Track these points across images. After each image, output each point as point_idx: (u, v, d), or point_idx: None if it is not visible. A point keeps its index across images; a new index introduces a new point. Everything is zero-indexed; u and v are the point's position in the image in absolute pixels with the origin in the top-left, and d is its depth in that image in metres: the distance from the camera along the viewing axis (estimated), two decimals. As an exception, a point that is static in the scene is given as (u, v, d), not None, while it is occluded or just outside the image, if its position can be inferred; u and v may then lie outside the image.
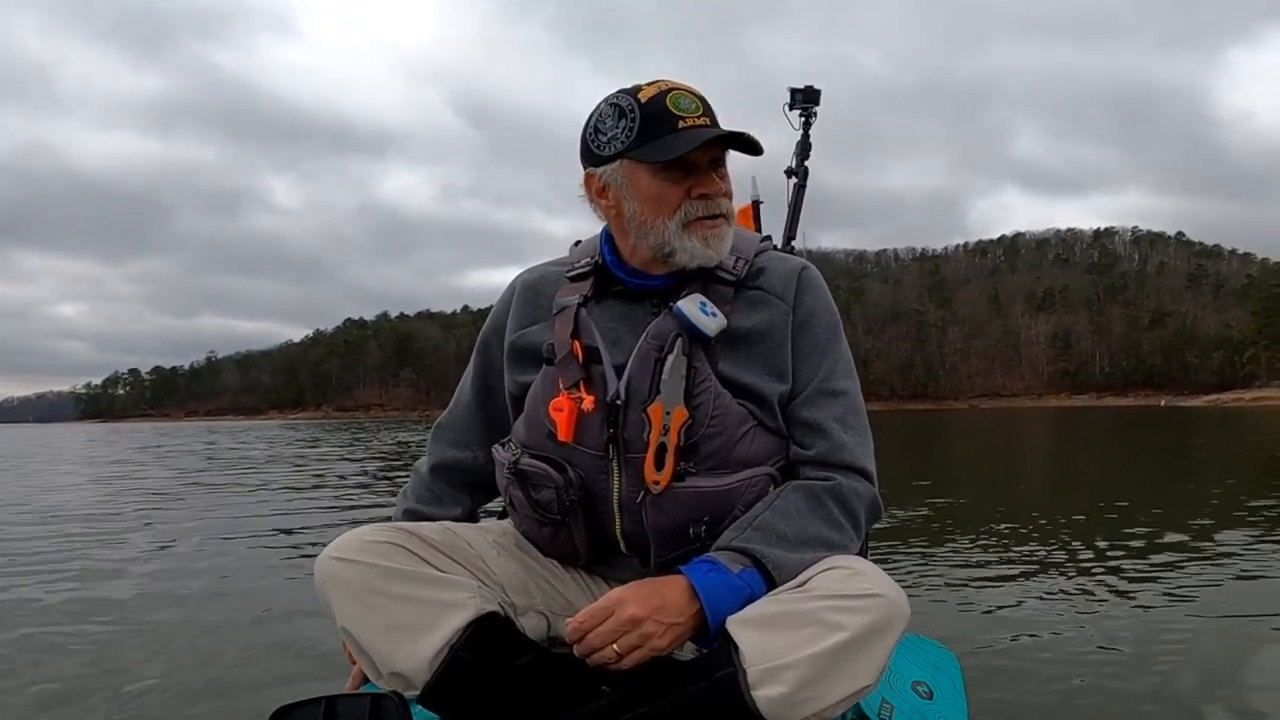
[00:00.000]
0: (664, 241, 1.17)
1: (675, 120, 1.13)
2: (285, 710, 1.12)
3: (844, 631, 0.98)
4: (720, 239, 1.18)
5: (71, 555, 4.40)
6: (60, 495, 8.03)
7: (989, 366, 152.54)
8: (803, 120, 2.57)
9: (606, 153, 1.17)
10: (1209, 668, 2.23)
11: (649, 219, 1.17)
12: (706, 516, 1.14)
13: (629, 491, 1.17)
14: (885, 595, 1.01)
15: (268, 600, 3.23)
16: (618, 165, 1.17)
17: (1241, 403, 72.64)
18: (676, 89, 1.16)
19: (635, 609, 1.04)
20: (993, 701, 1.97)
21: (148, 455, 16.11)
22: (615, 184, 1.18)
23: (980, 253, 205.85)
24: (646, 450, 1.14)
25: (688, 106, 1.14)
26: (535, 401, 1.24)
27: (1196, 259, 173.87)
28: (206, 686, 2.20)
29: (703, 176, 1.16)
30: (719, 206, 1.18)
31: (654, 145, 1.13)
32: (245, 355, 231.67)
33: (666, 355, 1.16)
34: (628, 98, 1.16)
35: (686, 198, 1.16)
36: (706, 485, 1.15)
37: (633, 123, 1.14)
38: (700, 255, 1.17)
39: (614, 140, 1.16)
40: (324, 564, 1.11)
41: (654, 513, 1.16)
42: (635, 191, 1.17)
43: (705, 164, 1.16)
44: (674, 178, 1.15)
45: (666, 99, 1.14)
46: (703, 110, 1.15)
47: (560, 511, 1.19)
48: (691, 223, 1.16)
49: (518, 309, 1.33)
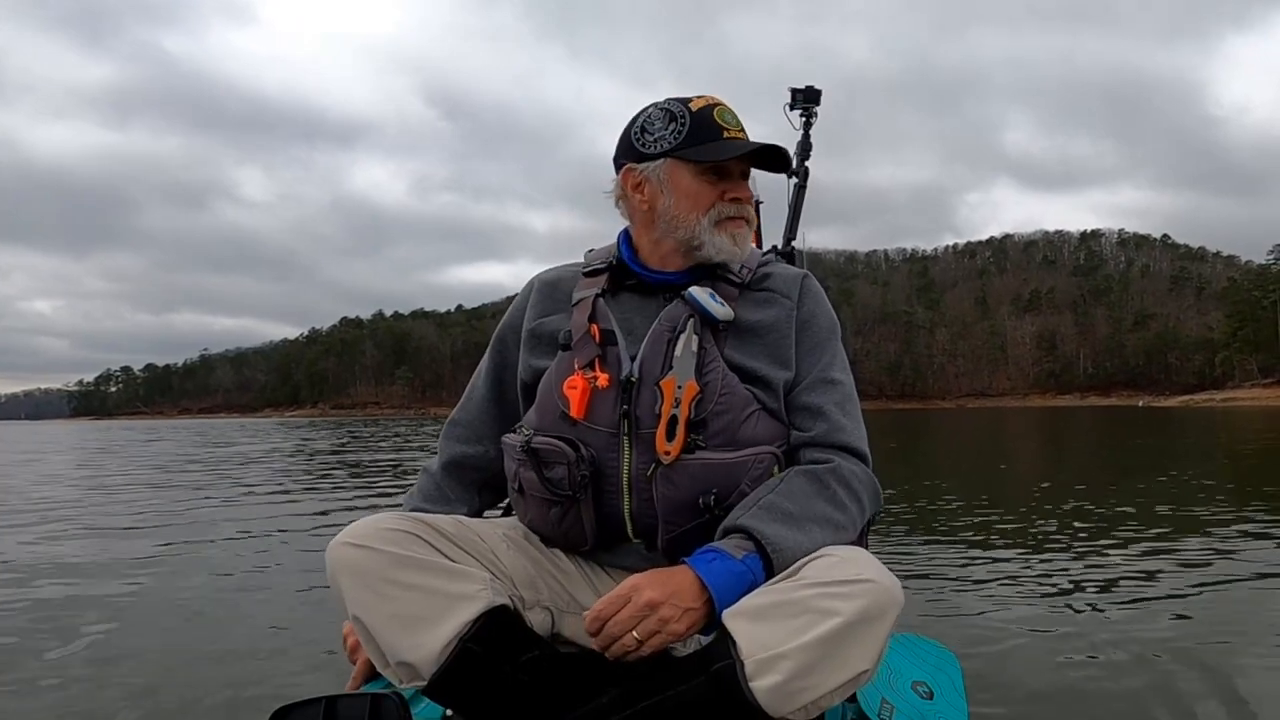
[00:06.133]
0: (694, 235, 1.27)
1: (720, 130, 1.25)
2: (285, 710, 1.12)
3: (836, 617, 0.99)
4: (745, 240, 1.31)
5: (70, 555, 4.38)
6: (47, 489, 8.04)
7: (976, 367, 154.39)
8: (803, 120, 2.62)
9: (652, 150, 1.27)
10: (1209, 667, 2.23)
11: (683, 214, 1.27)
12: (715, 490, 1.18)
13: (639, 468, 1.20)
14: (876, 580, 1.02)
15: (267, 600, 3.23)
16: (661, 163, 1.27)
17: (1212, 403, 74.07)
18: (723, 105, 1.29)
19: (652, 593, 1.06)
20: (993, 701, 1.97)
21: (145, 452, 16.05)
22: (655, 180, 1.28)
23: (969, 254, 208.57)
24: (658, 425, 1.19)
25: (731, 121, 1.27)
26: (549, 384, 1.28)
27: (1180, 262, 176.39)
28: (206, 687, 2.19)
29: (736, 182, 1.29)
30: (746, 211, 1.31)
31: (700, 148, 1.25)
32: (239, 353, 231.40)
33: (679, 335, 1.24)
34: (680, 105, 1.28)
35: (720, 199, 1.27)
36: (714, 458, 1.19)
37: (682, 127, 1.26)
38: (727, 251, 1.28)
39: (661, 140, 1.27)
40: (337, 550, 1.12)
41: (663, 485, 1.19)
42: (674, 188, 1.27)
43: (738, 173, 1.30)
44: (711, 180, 1.27)
45: (714, 111, 1.27)
46: (742, 127, 1.28)
47: (572, 487, 1.22)
48: (722, 221, 1.28)
49: (536, 302, 1.39)
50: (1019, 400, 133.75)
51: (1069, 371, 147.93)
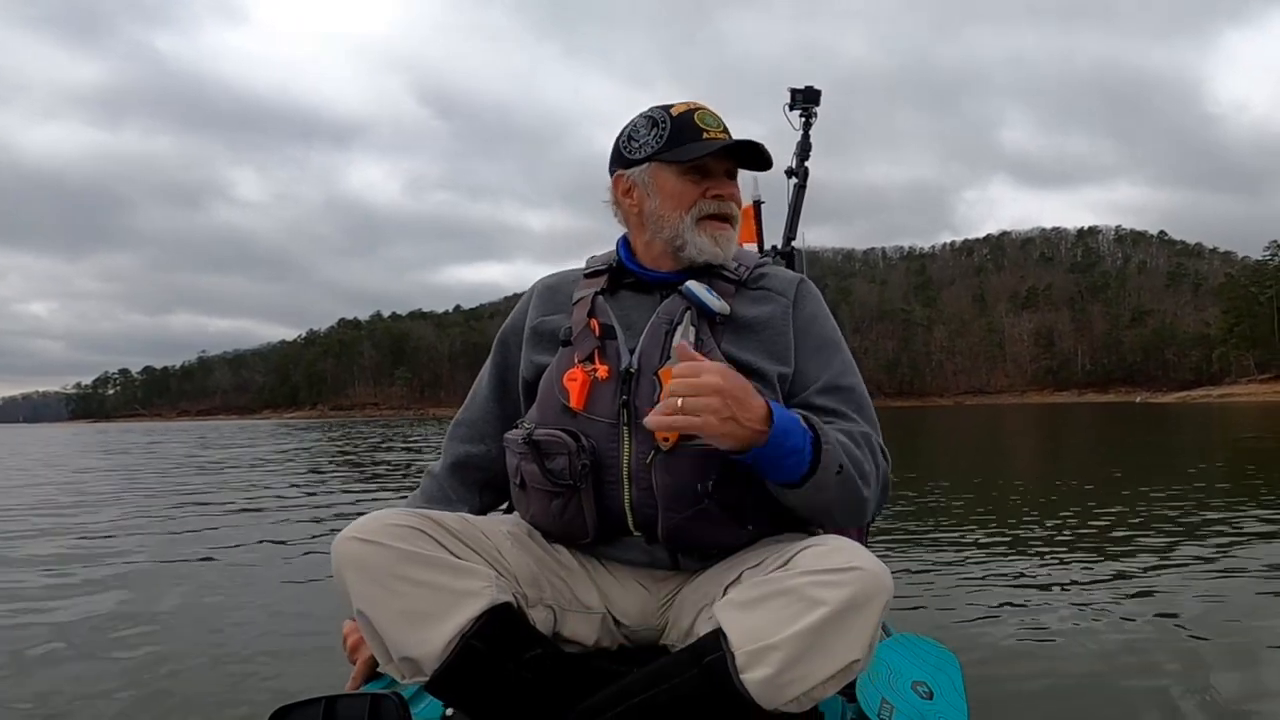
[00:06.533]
0: (677, 234, 1.31)
1: (700, 131, 1.29)
2: (285, 710, 1.12)
3: (824, 606, 0.99)
4: (727, 241, 1.33)
5: (68, 554, 4.39)
6: (50, 489, 8.11)
7: (973, 364, 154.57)
8: (803, 120, 2.62)
9: (638, 156, 1.33)
10: (1209, 667, 2.23)
11: (668, 214, 1.31)
12: (713, 476, 1.18)
13: (638, 457, 1.22)
14: (864, 568, 1.02)
15: (267, 600, 3.24)
16: (646, 167, 1.32)
17: (1209, 399, 74.32)
18: (704, 109, 1.33)
19: (718, 379, 1.06)
20: (993, 701, 1.98)
21: (147, 457, 16.23)
22: (642, 184, 1.33)
23: (966, 252, 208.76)
24: None
25: (711, 123, 1.31)
26: (550, 379, 1.30)
27: (1177, 258, 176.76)
28: (206, 687, 2.19)
29: (719, 180, 1.33)
30: (729, 208, 1.33)
31: (680, 149, 1.29)
32: (236, 355, 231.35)
33: (676, 326, 1.27)
34: (662, 111, 1.33)
35: (702, 197, 1.31)
36: (712, 445, 1.22)
37: (663, 131, 1.31)
38: (708, 251, 1.31)
39: (645, 145, 1.32)
40: (343, 545, 1.12)
41: (662, 473, 1.20)
42: (659, 189, 1.32)
43: (721, 172, 1.33)
44: (693, 179, 1.31)
45: (694, 115, 1.31)
46: (724, 128, 1.32)
47: (573, 477, 1.23)
48: (703, 219, 1.31)
49: (538, 304, 1.43)
50: (1017, 397, 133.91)
51: (1066, 368, 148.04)
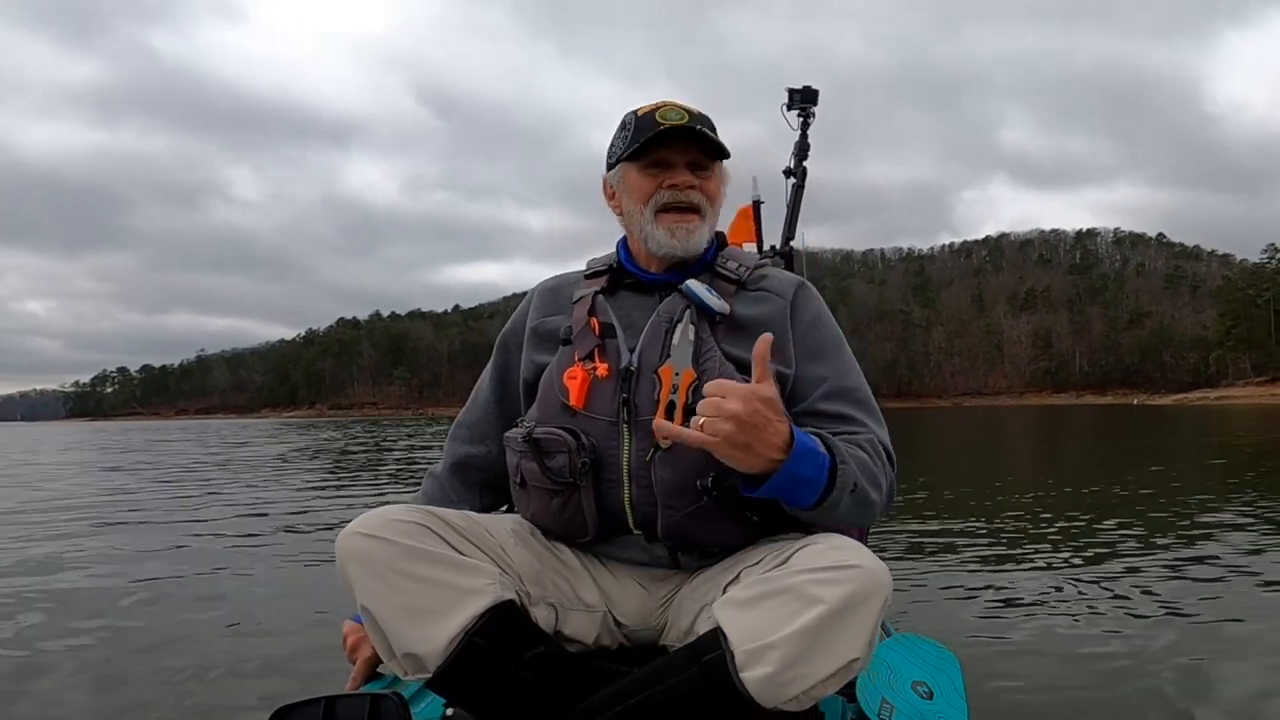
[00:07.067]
0: (641, 228, 1.32)
1: (656, 126, 1.28)
2: (285, 710, 1.12)
3: (823, 604, 0.99)
4: (688, 233, 1.31)
5: (67, 555, 4.39)
6: (54, 485, 8.11)
7: (972, 365, 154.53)
8: (801, 121, 2.61)
9: (612, 159, 1.36)
10: (1208, 667, 2.24)
11: (634, 209, 1.32)
12: (713, 473, 1.17)
13: (638, 455, 1.21)
14: (863, 566, 1.02)
15: (267, 600, 3.24)
16: (618, 169, 1.34)
17: (1206, 401, 74.43)
18: (669, 105, 1.31)
19: (739, 407, 1.03)
20: (993, 701, 1.98)
21: (144, 455, 16.25)
22: (617, 185, 1.36)
23: (965, 253, 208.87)
24: (656, 411, 1.20)
25: (672, 116, 1.29)
26: (550, 377, 1.30)
27: (1175, 260, 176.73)
28: (207, 687, 2.19)
29: (676, 171, 1.30)
30: (686, 197, 1.30)
31: (637, 147, 1.29)
32: (235, 354, 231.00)
33: (676, 324, 1.26)
34: (631, 114, 1.34)
35: (659, 188, 1.30)
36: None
37: (629, 132, 1.32)
38: (665, 245, 1.30)
39: (615, 148, 1.35)
40: (348, 540, 1.11)
41: (662, 469, 1.20)
42: (627, 188, 1.34)
43: (681, 164, 1.30)
44: (653, 174, 1.31)
45: (657, 112, 1.30)
46: (688, 119, 1.29)
47: (573, 474, 1.22)
48: (660, 212, 1.30)
49: (538, 305, 1.44)
50: (1015, 398, 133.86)
51: (1065, 370, 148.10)
